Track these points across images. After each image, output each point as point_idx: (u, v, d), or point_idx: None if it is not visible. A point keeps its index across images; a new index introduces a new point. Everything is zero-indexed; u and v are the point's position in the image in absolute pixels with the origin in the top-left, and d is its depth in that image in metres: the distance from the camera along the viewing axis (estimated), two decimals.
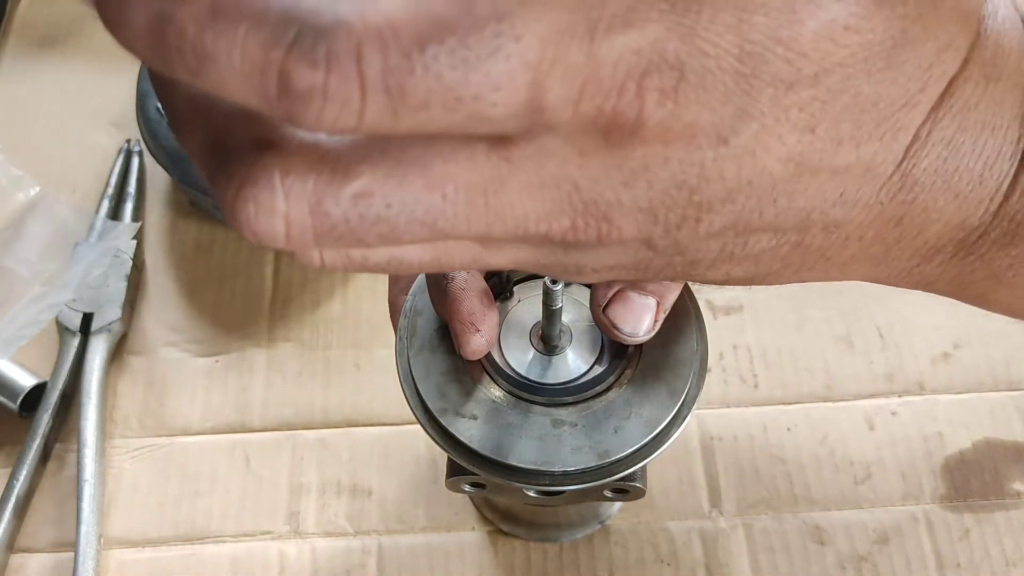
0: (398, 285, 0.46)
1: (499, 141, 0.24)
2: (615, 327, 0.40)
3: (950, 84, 0.28)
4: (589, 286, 0.43)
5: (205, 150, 0.25)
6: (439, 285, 0.41)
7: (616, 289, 0.40)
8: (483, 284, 0.42)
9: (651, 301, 0.40)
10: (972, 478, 0.60)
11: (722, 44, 0.24)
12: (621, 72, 0.23)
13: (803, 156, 0.26)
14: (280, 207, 0.24)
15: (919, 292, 0.37)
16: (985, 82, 0.29)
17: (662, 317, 0.41)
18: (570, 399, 0.42)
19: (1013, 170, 0.30)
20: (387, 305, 0.47)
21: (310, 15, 0.21)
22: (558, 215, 0.26)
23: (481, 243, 0.27)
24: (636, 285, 0.40)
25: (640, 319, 0.40)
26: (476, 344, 0.41)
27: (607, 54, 0.23)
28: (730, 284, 0.31)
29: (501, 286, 0.45)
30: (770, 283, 0.32)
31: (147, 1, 0.22)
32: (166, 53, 0.22)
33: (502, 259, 0.28)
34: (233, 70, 0.22)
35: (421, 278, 0.44)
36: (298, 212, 0.24)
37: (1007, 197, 0.30)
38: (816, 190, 0.27)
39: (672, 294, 0.41)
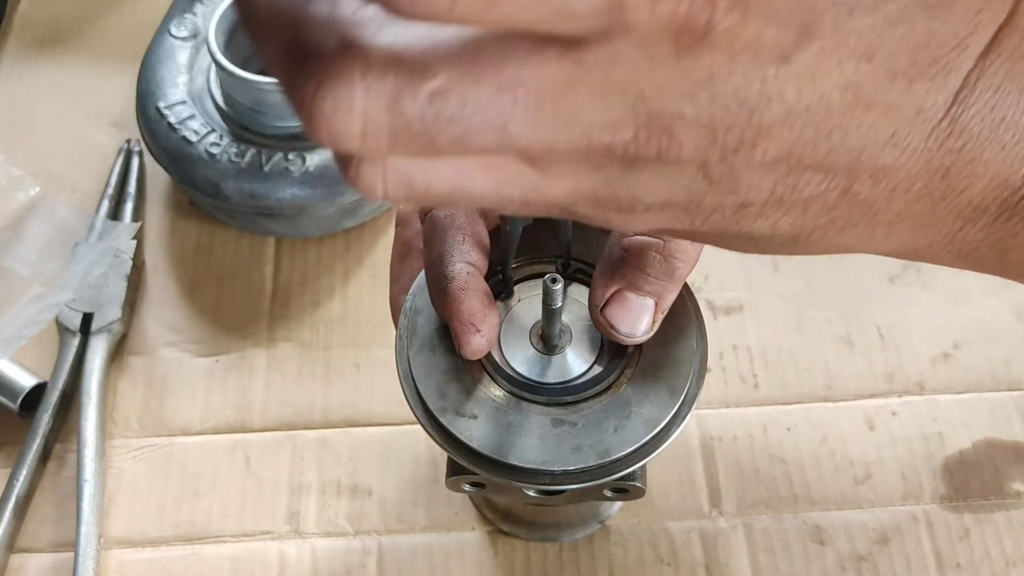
0: (398, 284, 0.46)
1: (572, 44, 0.25)
2: (613, 327, 0.40)
3: (998, 32, 0.28)
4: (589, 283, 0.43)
5: (283, 53, 0.25)
6: (439, 285, 0.41)
7: (614, 289, 0.40)
8: (484, 284, 0.42)
9: (649, 302, 0.40)
10: (972, 478, 0.60)
11: None
12: None
13: (859, 85, 0.27)
14: (359, 103, 0.24)
15: (920, 292, 0.36)
16: None
17: (660, 318, 0.41)
18: (570, 398, 0.42)
19: None
20: (387, 305, 0.47)
21: None
22: (622, 124, 0.26)
23: (545, 163, 0.27)
24: (633, 285, 0.40)
25: (638, 320, 0.40)
26: (476, 344, 0.41)
27: None
28: (773, 245, 0.31)
29: (501, 285, 0.45)
30: (813, 245, 0.32)
31: None
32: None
33: (561, 187, 0.28)
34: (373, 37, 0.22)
35: (421, 277, 0.44)
36: (376, 108, 0.24)
37: None
38: (869, 127, 0.28)
39: (670, 295, 0.41)
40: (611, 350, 0.43)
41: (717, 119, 0.27)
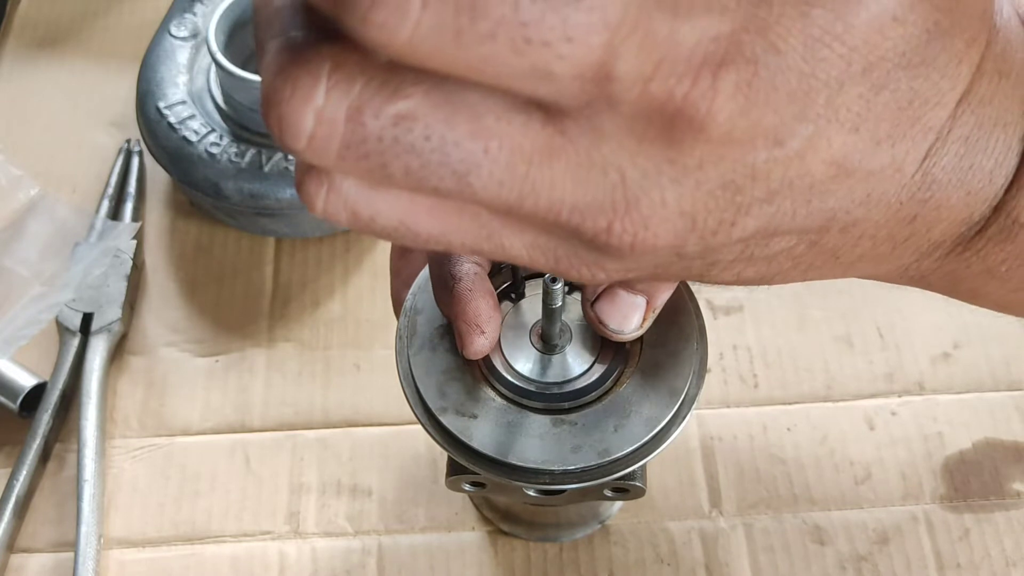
0: (399, 278, 0.46)
1: (557, 112, 0.23)
2: (602, 323, 0.40)
3: (971, 80, 0.28)
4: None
5: (277, 49, 0.23)
6: (445, 285, 0.41)
7: (605, 285, 0.40)
8: (489, 285, 0.41)
9: (640, 300, 0.40)
10: (972, 478, 0.60)
11: (791, 40, 0.23)
12: (699, 57, 0.22)
13: (845, 157, 0.26)
14: (317, 99, 0.22)
15: (920, 292, 0.37)
16: (998, 78, 0.29)
17: (652, 316, 0.41)
18: (570, 398, 0.42)
19: (1016, 165, 0.30)
20: (387, 305, 0.47)
21: None
22: (597, 211, 0.25)
23: (502, 217, 0.26)
24: (627, 283, 0.40)
25: (628, 317, 0.40)
26: (480, 345, 0.40)
27: (688, 34, 0.22)
28: (738, 284, 0.31)
29: (513, 286, 0.45)
30: (775, 283, 0.31)
31: None
32: None
33: (518, 242, 0.27)
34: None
35: (423, 276, 0.44)
36: (333, 111, 0.22)
37: (1007, 192, 0.31)
38: (847, 190, 0.27)
39: (663, 294, 0.41)
40: (611, 350, 0.43)
41: (699, 205, 0.26)
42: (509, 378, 0.42)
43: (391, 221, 0.25)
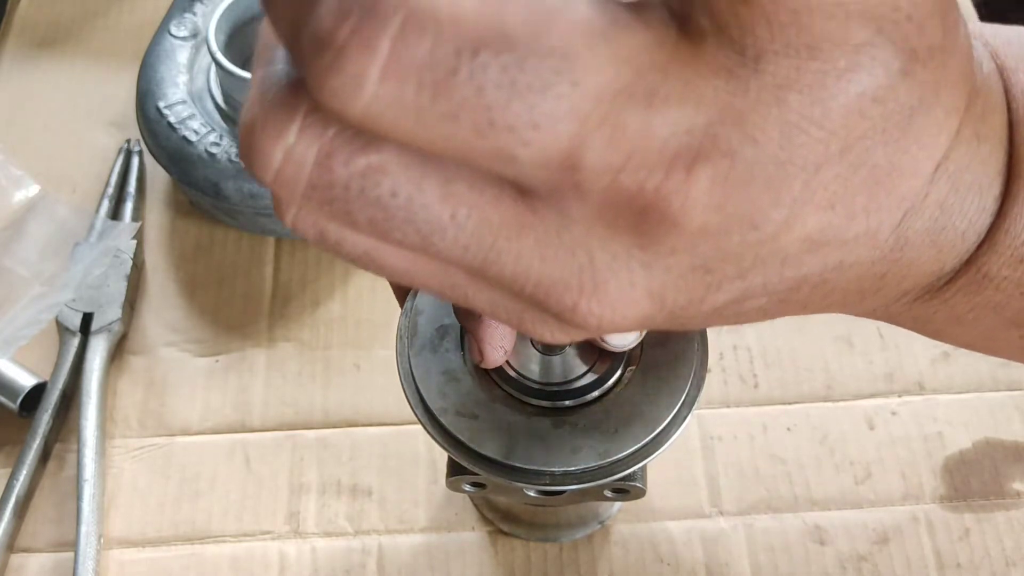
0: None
1: (526, 191, 0.23)
2: (603, 339, 0.40)
3: (948, 148, 0.27)
4: None
5: (262, 78, 0.23)
6: (472, 312, 0.40)
7: None
8: None
9: None
10: (972, 478, 0.60)
11: (767, 130, 0.23)
12: (671, 150, 0.22)
13: (820, 233, 0.25)
14: (289, 137, 0.22)
15: None
16: (976, 142, 0.29)
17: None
18: (570, 399, 0.42)
19: (990, 224, 0.30)
20: (387, 306, 0.47)
21: None
22: (563, 289, 0.24)
23: (467, 276, 0.25)
24: None
25: (627, 332, 0.40)
26: (500, 358, 0.40)
27: (661, 127, 0.22)
28: (702, 328, 0.31)
29: None
30: (738, 324, 0.31)
31: None
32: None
33: (483, 299, 0.26)
34: None
35: None
36: (303, 153, 0.22)
37: (979, 248, 0.30)
38: (820, 259, 0.27)
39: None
40: (612, 351, 0.43)
41: (669, 286, 0.25)
42: (509, 379, 0.42)
43: (357, 250, 0.25)
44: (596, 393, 0.42)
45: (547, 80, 0.20)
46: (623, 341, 0.40)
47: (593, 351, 0.43)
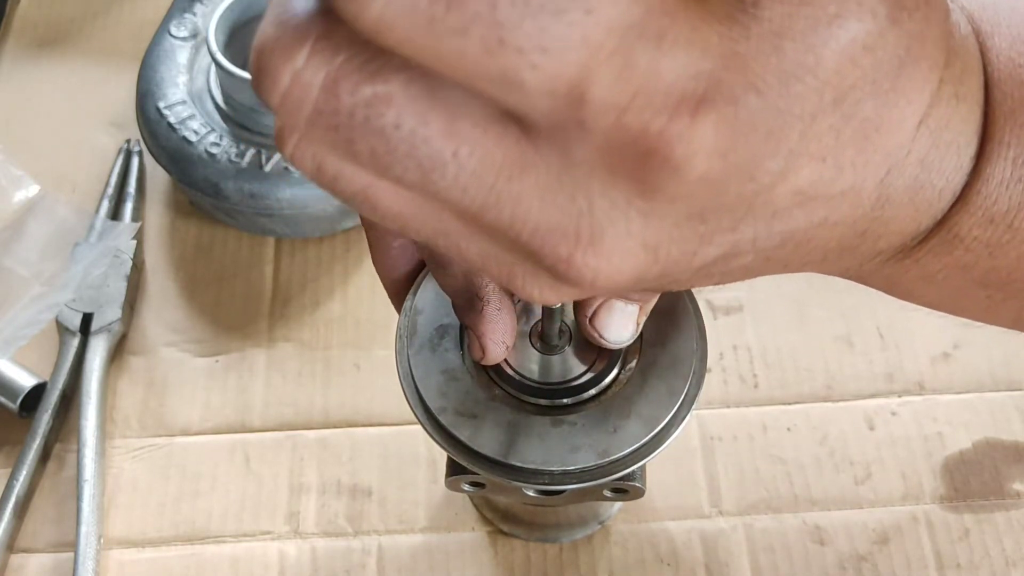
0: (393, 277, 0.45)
1: (530, 128, 0.23)
2: (602, 336, 0.40)
3: (929, 104, 0.28)
4: None
5: (278, 4, 0.23)
6: (474, 307, 0.40)
7: (602, 299, 0.40)
8: (509, 299, 0.41)
9: (633, 308, 0.40)
10: (972, 478, 0.60)
11: (768, 78, 0.23)
12: (677, 93, 0.22)
13: (811, 185, 0.26)
14: (298, 60, 0.22)
15: None
16: (955, 101, 0.29)
17: (643, 320, 0.41)
18: (569, 398, 0.42)
19: (964, 183, 0.31)
20: (388, 305, 0.47)
21: None
22: (559, 237, 0.24)
23: (463, 222, 0.25)
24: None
25: (626, 327, 0.40)
26: (502, 354, 0.40)
27: (668, 68, 0.21)
28: (688, 287, 0.31)
29: None
30: (722, 283, 0.31)
31: None
32: None
33: (475, 248, 0.26)
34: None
35: (422, 277, 0.44)
36: (310, 76, 0.22)
37: (951, 208, 0.31)
38: (807, 214, 0.27)
39: (653, 297, 0.41)
40: (611, 351, 0.43)
41: (663, 237, 0.25)
42: (508, 378, 0.42)
43: (353, 186, 0.25)
44: (595, 392, 0.42)
45: (562, 4, 0.20)
46: (620, 337, 0.40)
47: (592, 350, 0.43)
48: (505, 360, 0.43)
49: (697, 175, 0.23)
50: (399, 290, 0.44)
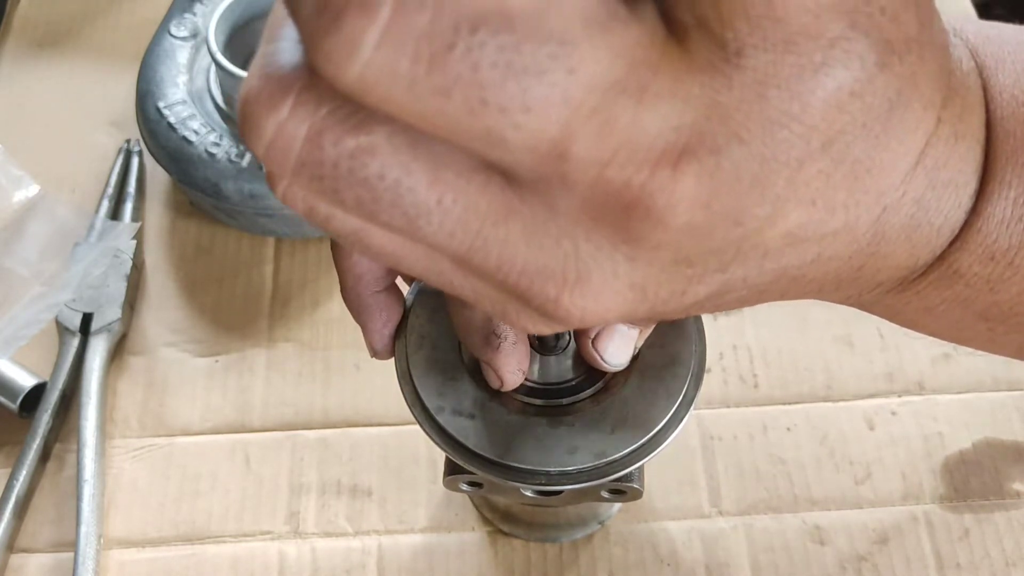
0: (376, 320, 0.44)
1: (514, 179, 0.23)
2: (603, 359, 0.40)
3: (926, 143, 0.27)
4: None
5: (264, 52, 0.23)
6: (491, 344, 0.40)
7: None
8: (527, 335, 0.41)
9: (634, 332, 0.40)
10: (972, 478, 0.60)
11: (751, 127, 0.23)
12: (659, 147, 0.22)
13: (801, 228, 0.26)
14: (282, 112, 0.22)
15: None
16: (954, 140, 0.29)
17: (641, 342, 0.41)
18: (567, 399, 0.42)
19: (964, 221, 0.30)
20: None
21: None
22: (546, 278, 0.25)
23: (453, 263, 0.25)
24: None
25: (625, 348, 0.40)
26: (518, 382, 0.40)
27: (650, 122, 0.22)
28: (682, 317, 0.31)
29: None
30: (717, 312, 0.32)
31: None
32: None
33: (468, 287, 0.26)
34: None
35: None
36: (294, 128, 0.22)
37: (951, 245, 0.31)
38: (799, 254, 0.27)
39: (652, 324, 0.41)
40: None
41: (651, 279, 0.25)
42: None
43: (346, 228, 0.25)
44: (593, 393, 0.42)
45: (543, 65, 0.20)
46: (618, 360, 0.40)
47: None
48: None
49: (680, 224, 0.23)
50: (369, 318, 0.43)
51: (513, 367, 0.39)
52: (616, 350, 0.40)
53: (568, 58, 0.20)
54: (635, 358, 0.43)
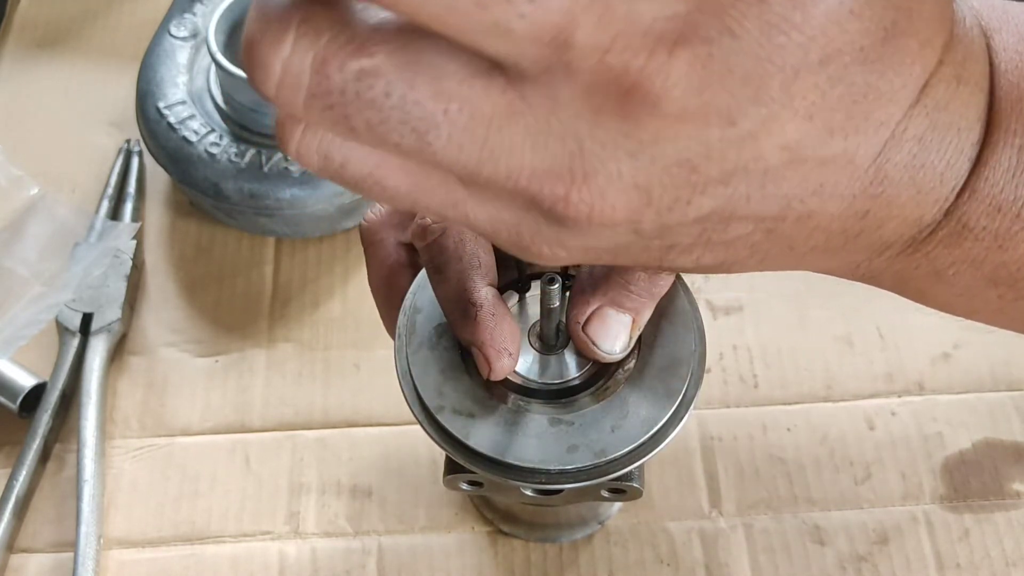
0: (391, 305, 0.45)
1: (518, 76, 0.24)
2: (594, 343, 0.40)
3: (926, 82, 0.28)
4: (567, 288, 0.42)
5: None
6: (467, 314, 0.40)
7: (595, 306, 0.40)
8: (506, 304, 0.41)
9: (627, 318, 0.40)
10: (972, 478, 0.60)
11: (746, 25, 0.24)
12: (655, 33, 0.23)
13: (799, 144, 0.26)
14: (285, 48, 0.23)
15: None
16: (956, 83, 0.30)
17: (636, 334, 0.41)
18: (567, 398, 0.42)
19: (968, 170, 0.31)
20: None
21: None
22: (555, 178, 0.26)
23: (465, 184, 0.26)
24: (614, 302, 0.40)
25: (618, 336, 0.40)
26: (508, 367, 0.40)
27: (647, 10, 0.23)
28: (696, 271, 0.32)
29: (518, 283, 0.45)
30: (731, 272, 0.32)
31: None
32: None
33: (483, 213, 0.27)
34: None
35: (423, 275, 0.44)
36: (300, 62, 0.24)
37: (959, 196, 0.31)
38: (801, 178, 0.28)
39: (647, 312, 0.41)
40: None
41: (655, 180, 0.26)
42: (507, 377, 0.42)
43: (361, 171, 0.26)
44: (593, 392, 0.42)
45: None
46: (612, 347, 0.40)
47: None
48: None
49: (675, 110, 0.24)
50: (390, 307, 0.45)
51: (497, 343, 0.40)
52: (607, 334, 0.40)
53: None
54: (635, 358, 0.43)
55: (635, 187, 0.26)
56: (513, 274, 0.45)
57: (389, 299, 0.45)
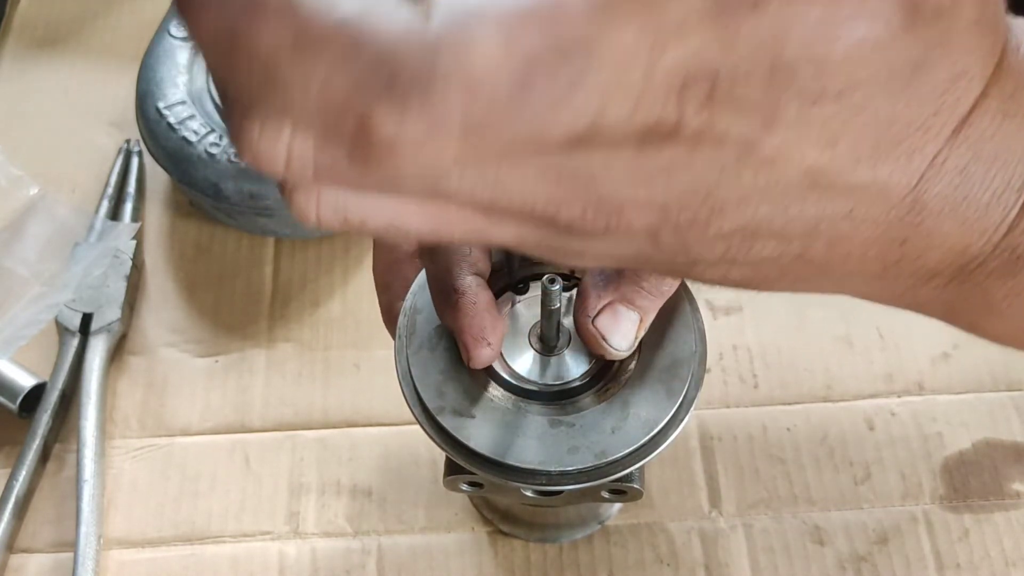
0: (390, 291, 0.46)
1: None
2: (605, 339, 0.40)
3: (968, 114, 0.28)
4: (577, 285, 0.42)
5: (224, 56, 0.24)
6: (448, 299, 0.41)
7: (607, 301, 0.40)
8: (490, 294, 0.41)
9: (635, 315, 0.41)
10: (972, 478, 0.60)
11: (756, 57, 0.24)
12: (667, 84, 0.23)
13: (822, 170, 0.26)
14: (284, 134, 0.23)
15: None
16: (1002, 117, 0.29)
17: (642, 333, 0.41)
18: (568, 399, 0.42)
19: (1020, 203, 0.30)
20: None
21: (405, 59, 0.21)
22: (569, 202, 0.26)
23: (483, 214, 0.27)
24: (624, 299, 0.40)
25: (628, 333, 0.41)
26: (485, 356, 0.41)
27: (661, 70, 0.23)
28: (725, 285, 0.32)
29: (513, 284, 0.45)
30: (765, 290, 0.32)
31: (219, 11, 0.22)
32: (233, 67, 0.22)
33: (505, 235, 0.28)
34: (305, 102, 0.22)
35: (421, 276, 0.44)
36: (302, 142, 0.24)
37: (1011, 228, 0.31)
38: (828, 202, 0.28)
39: (654, 311, 0.41)
40: None
41: (672, 201, 0.26)
42: (507, 379, 0.42)
43: (381, 222, 0.26)
44: (593, 393, 0.42)
45: (573, 80, 0.22)
46: (619, 343, 0.40)
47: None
48: (505, 361, 0.43)
49: (686, 142, 0.25)
50: (392, 298, 0.45)
51: (475, 332, 0.40)
52: (617, 330, 0.40)
53: (590, 59, 0.22)
54: (636, 358, 0.43)
55: (651, 205, 0.26)
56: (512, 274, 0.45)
57: (391, 290, 0.45)
